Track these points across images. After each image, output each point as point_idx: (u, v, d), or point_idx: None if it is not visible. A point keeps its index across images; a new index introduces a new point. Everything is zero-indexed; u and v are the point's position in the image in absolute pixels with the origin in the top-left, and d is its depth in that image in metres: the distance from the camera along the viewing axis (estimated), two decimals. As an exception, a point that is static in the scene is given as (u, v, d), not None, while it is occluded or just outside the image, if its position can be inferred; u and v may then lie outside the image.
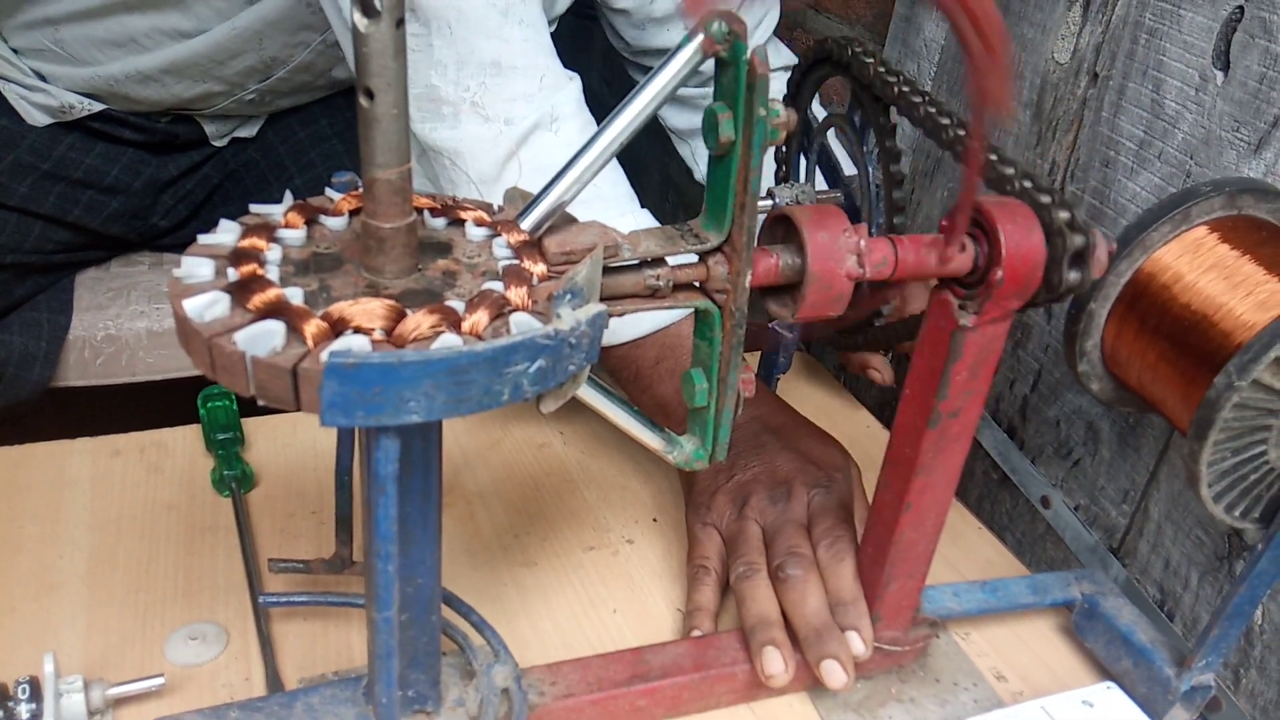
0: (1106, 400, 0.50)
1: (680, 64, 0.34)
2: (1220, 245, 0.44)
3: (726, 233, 0.37)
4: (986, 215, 0.38)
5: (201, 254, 0.32)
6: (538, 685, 0.45)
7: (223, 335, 0.29)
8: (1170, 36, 0.57)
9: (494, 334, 0.31)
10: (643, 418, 0.40)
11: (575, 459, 0.65)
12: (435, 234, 0.36)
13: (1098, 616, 0.51)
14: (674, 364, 0.58)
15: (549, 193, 0.36)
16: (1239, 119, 0.53)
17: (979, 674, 0.51)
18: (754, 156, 0.34)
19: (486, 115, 0.55)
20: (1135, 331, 0.46)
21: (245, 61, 0.83)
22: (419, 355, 0.28)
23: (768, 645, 0.46)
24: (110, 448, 0.61)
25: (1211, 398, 0.39)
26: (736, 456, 0.55)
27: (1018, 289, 0.38)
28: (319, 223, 0.35)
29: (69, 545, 0.54)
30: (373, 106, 0.30)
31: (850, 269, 0.37)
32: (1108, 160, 0.62)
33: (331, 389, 0.27)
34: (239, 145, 0.94)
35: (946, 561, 0.60)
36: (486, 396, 0.29)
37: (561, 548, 0.58)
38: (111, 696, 0.44)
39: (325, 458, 0.62)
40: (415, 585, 0.39)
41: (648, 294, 0.37)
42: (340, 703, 0.42)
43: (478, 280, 0.33)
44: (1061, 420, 0.67)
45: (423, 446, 0.35)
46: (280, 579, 0.52)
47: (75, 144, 0.85)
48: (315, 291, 0.31)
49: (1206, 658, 0.46)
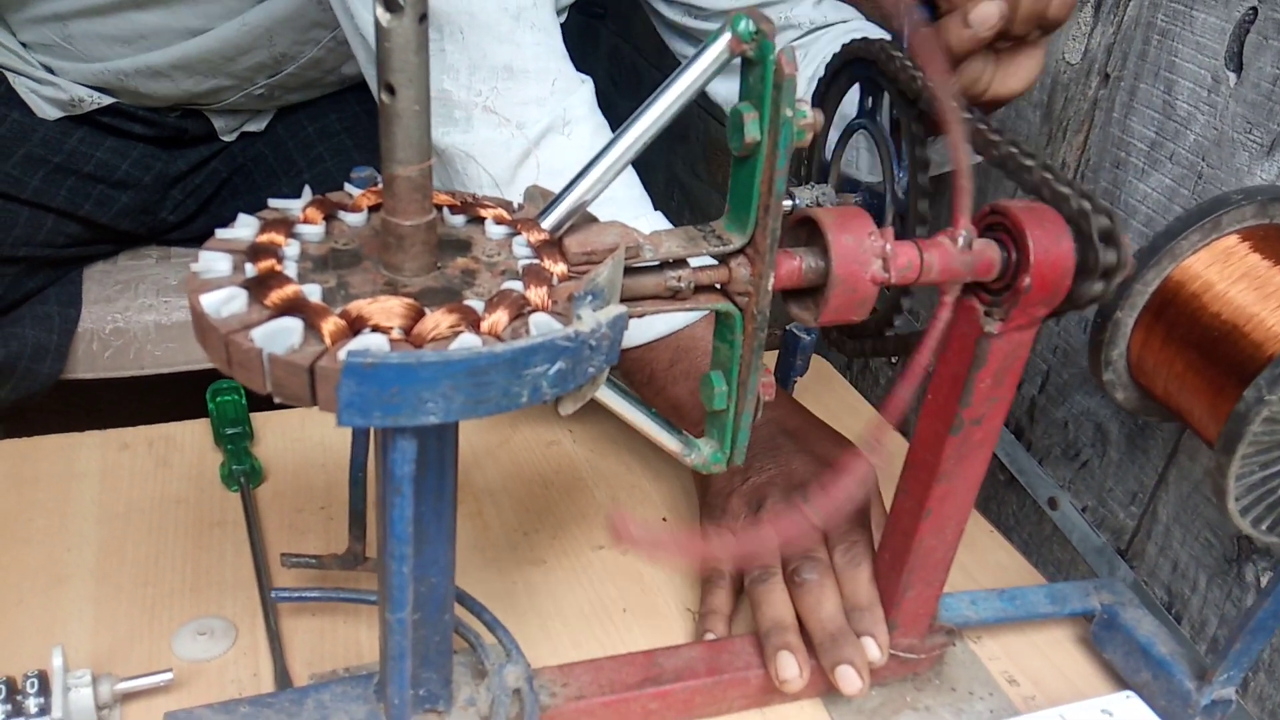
0: (1132, 409, 0.49)
1: (707, 63, 0.34)
2: (1252, 254, 0.43)
3: (749, 234, 0.36)
4: (1015, 220, 0.37)
5: (219, 249, 0.32)
6: (549, 686, 0.45)
7: (240, 332, 0.28)
8: (1182, 37, 0.56)
9: (513, 334, 0.30)
10: (661, 420, 0.39)
11: (585, 457, 0.65)
12: (454, 232, 0.35)
13: (1117, 627, 0.50)
14: (688, 366, 0.57)
15: (570, 192, 0.35)
16: (1251, 120, 0.52)
17: (995, 683, 0.50)
18: (779, 158, 0.34)
19: (499, 119, 0.55)
20: (1163, 341, 0.45)
21: (255, 58, 0.82)
22: (438, 356, 0.27)
23: (782, 650, 0.46)
24: (119, 441, 0.61)
25: (1241, 411, 0.39)
26: (753, 459, 0.54)
27: (1045, 296, 0.38)
28: (337, 218, 0.34)
29: (77, 538, 0.54)
30: (394, 102, 0.29)
31: (875, 273, 0.36)
32: (1118, 161, 0.61)
33: (349, 389, 0.27)
34: (248, 140, 0.93)
35: (958, 566, 0.58)
36: (505, 398, 0.29)
37: (571, 546, 0.57)
38: (120, 691, 0.43)
39: (335, 453, 0.62)
40: (429, 584, 0.38)
41: (669, 295, 0.37)
42: (351, 700, 0.42)
43: (497, 279, 0.32)
44: (1070, 421, 0.66)
45: (438, 447, 0.35)
46: (289, 574, 0.52)
47: (85, 138, 0.84)
48: (333, 288, 0.31)
49: (1228, 671, 0.45)
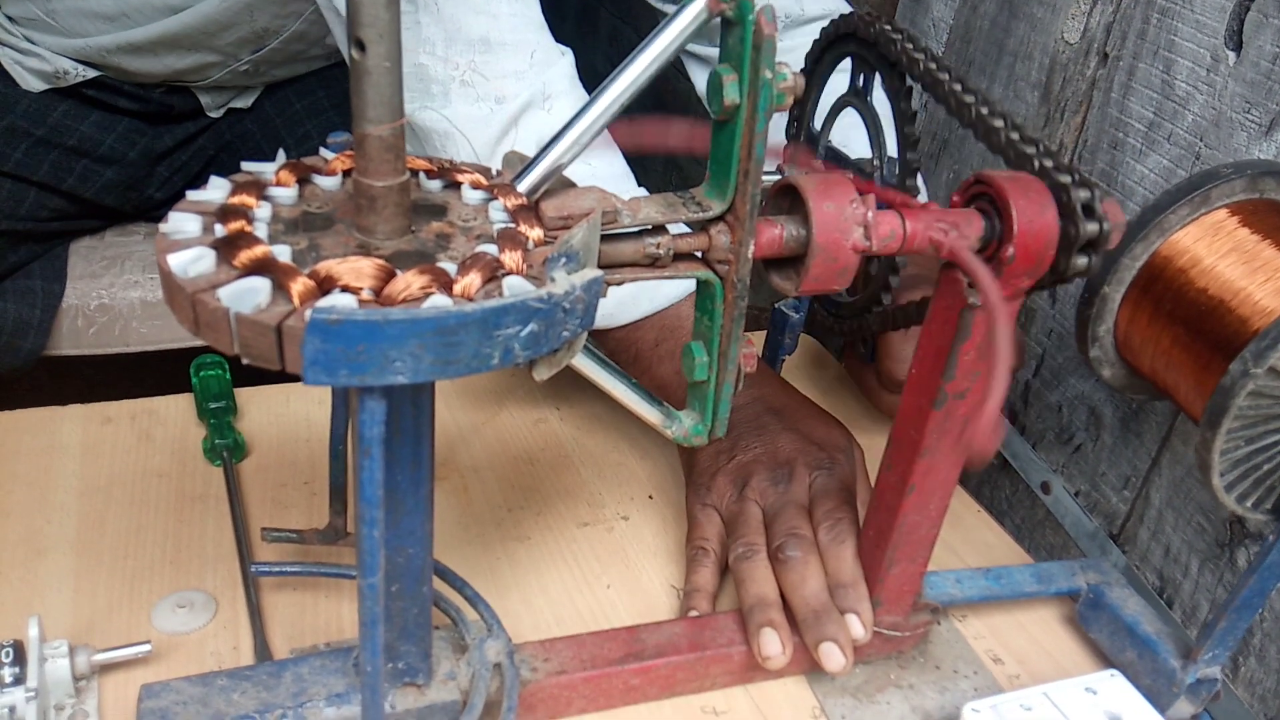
0: (1118, 386, 0.49)
1: (684, 22, 0.33)
2: (1240, 229, 0.43)
3: (729, 201, 0.36)
4: (999, 190, 0.37)
5: (189, 210, 0.31)
6: (530, 661, 0.44)
7: (207, 291, 0.28)
8: (1182, 16, 0.56)
9: (486, 296, 0.30)
10: (641, 390, 0.39)
11: (571, 435, 0.64)
12: (430, 196, 0.35)
13: (1103, 607, 0.50)
14: (673, 345, 0.57)
15: (546, 155, 0.34)
16: (1250, 100, 0.52)
17: (979, 661, 0.50)
18: (759, 121, 0.33)
19: (477, 94, 0.54)
20: (1150, 316, 0.45)
21: (237, 33, 0.82)
22: (405, 314, 0.27)
23: (765, 626, 0.46)
24: (101, 415, 0.60)
25: (1226, 385, 0.38)
26: (738, 437, 0.54)
27: (1029, 267, 0.37)
28: (312, 182, 0.34)
29: (58, 511, 0.53)
30: (364, 59, 0.29)
31: (856, 241, 0.36)
32: (1116, 142, 0.61)
33: (314, 346, 0.26)
34: (235, 116, 0.93)
35: (945, 545, 0.59)
36: (475, 359, 0.28)
37: (555, 523, 0.57)
38: (97, 662, 0.43)
39: (318, 428, 0.61)
40: (406, 555, 0.38)
41: (648, 263, 0.36)
42: (330, 673, 0.42)
43: (472, 243, 0.32)
44: (1064, 405, 0.66)
45: (413, 412, 0.34)
46: (271, 549, 0.52)
47: (70, 111, 0.84)
48: (304, 250, 0.30)
49: (1213, 650, 0.45)
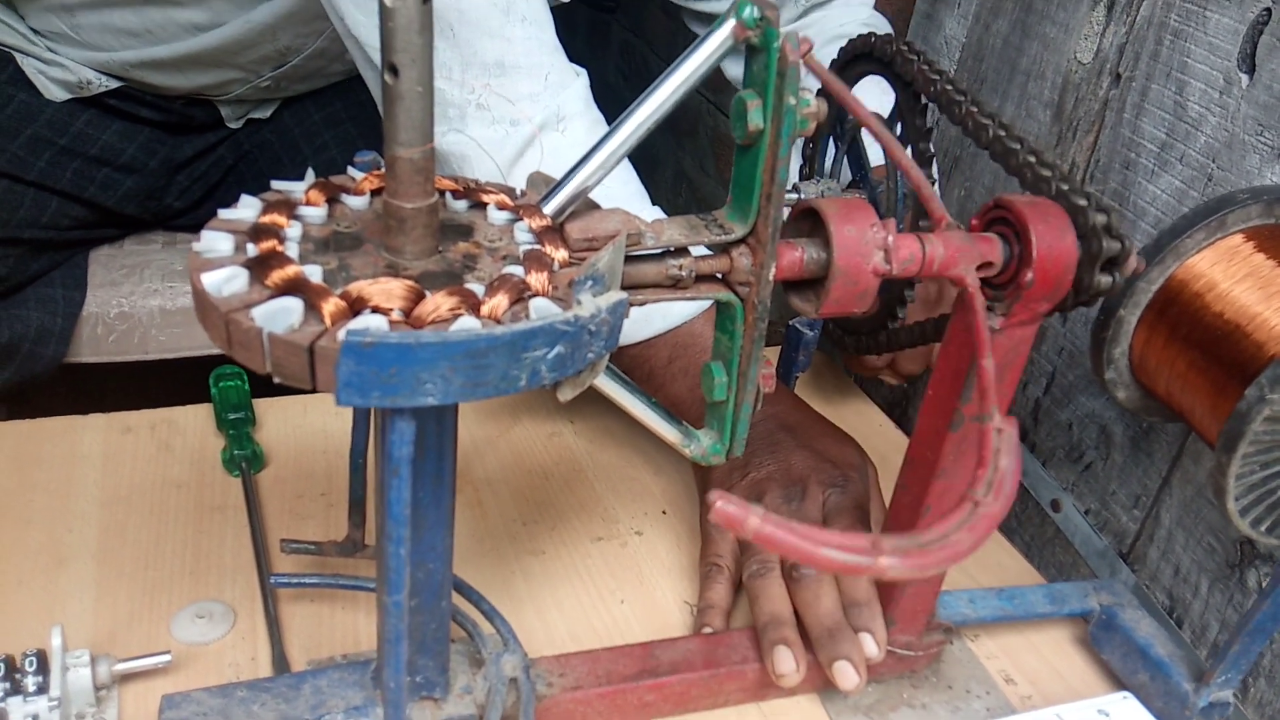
0: (1133, 409, 0.49)
1: (711, 49, 0.34)
2: (1256, 254, 0.43)
3: (751, 224, 0.36)
4: (1018, 215, 0.37)
5: (221, 229, 0.32)
6: (546, 676, 0.45)
7: (240, 311, 0.29)
8: (1195, 38, 0.56)
9: (513, 318, 0.30)
10: (661, 409, 0.39)
11: (585, 449, 0.64)
12: (457, 216, 0.35)
13: (1115, 628, 0.50)
14: (687, 363, 0.57)
15: (572, 178, 0.35)
16: (1263, 123, 0.52)
17: (992, 681, 0.50)
18: (782, 146, 0.34)
19: (493, 117, 0.55)
20: (1165, 339, 0.45)
21: (260, 51, 0.83)
22: (437, 337, 0.27)
23: (779, 644, 0.46)
24: (122, 424, 0.61)
25: (1242, 410, 0.38)
26: (752, 454, 0.54)
27: (1048, 291, 0.38)
28: (340, 201, 0.34)
29: (79, 520, 0.54)
30: (397, 83, 0.29)
31: (877, 265, 0.36)
32: (1128, 162, 0.61)
33: (348, 368, 0.27)
34: (254, 126, 0.93)
35: (958, 565, 0.59)
36: (504, 381, 0.29)
37: (570, 537, 0.57)
38: (118, 672, 0.43)
39: (336, 440, 0.62)
40: (426, 570, 0.38)
41: (670, 284, 0.37)
42: (348, 686, 0.42)
43: (498, 264, 0.32)
44: (1074, 423, 0.66)
45: (437, 430, 0.35)
46: (289, 560, 0.52)
47: (92, 120, 0.85)
48: (334, 270, 0.31)
49: (1226, 674, 0.45)
